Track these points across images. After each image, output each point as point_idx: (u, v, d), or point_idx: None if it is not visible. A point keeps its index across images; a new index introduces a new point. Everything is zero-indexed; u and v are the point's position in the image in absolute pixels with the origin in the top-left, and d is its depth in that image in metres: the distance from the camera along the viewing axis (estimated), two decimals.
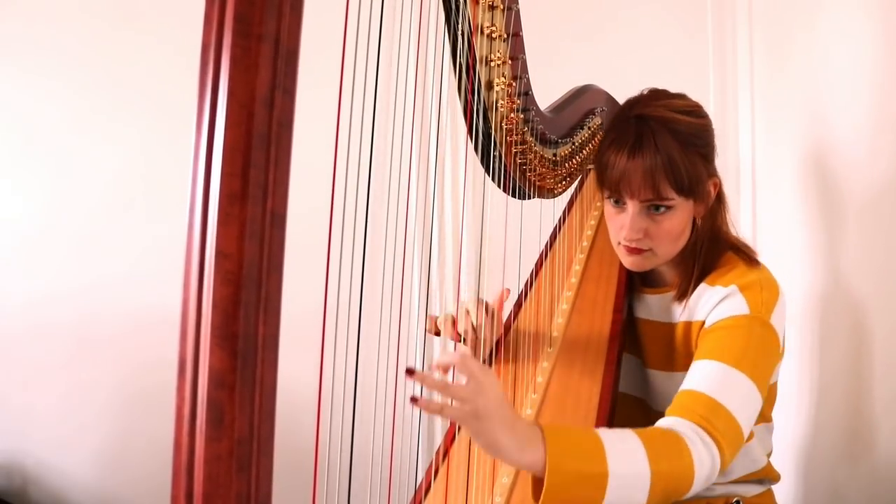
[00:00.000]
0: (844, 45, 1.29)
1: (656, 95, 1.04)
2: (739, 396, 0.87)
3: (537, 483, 0.77)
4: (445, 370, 0.75)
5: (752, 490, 1.10)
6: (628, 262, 1.04)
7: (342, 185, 0.57)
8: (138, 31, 1.91)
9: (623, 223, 1.00)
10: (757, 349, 0.92)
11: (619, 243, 1.02)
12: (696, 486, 0.81)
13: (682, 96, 1.05)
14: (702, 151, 0.99)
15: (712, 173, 1.03)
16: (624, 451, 0.78)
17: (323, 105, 0.84)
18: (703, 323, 0.98)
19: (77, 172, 1.96)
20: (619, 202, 1.01)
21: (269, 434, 0.46)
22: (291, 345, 0.59)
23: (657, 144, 0.95)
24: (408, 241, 0.77)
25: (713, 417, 0.84)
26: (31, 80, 1.94)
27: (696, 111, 1.02)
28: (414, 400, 0.68)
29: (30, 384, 1.97)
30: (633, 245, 1.00)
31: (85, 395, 1.97)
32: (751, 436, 1.02)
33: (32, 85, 1.95)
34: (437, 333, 1.06)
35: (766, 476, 1.12)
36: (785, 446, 1.43)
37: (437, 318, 1.07)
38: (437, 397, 0.73)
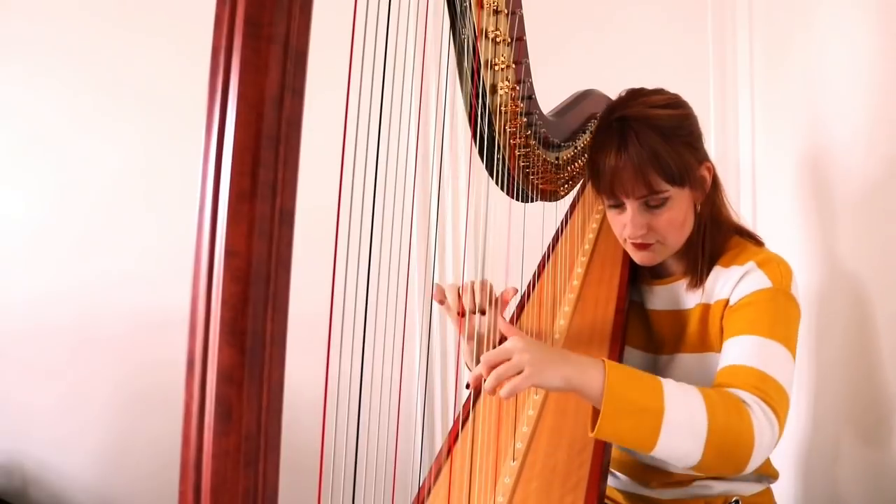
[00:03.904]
0: (842, 44, 1.30)
1: (634, 95, 1.06)
2: (780, 365, 0.89)
3: (595, 415, 0.79)
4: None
5: (751, 489, 1.10)
6: (639, 257, 1.06)
7: (348, 187, 0.57)
8: (139, 31, 1.92)
9: (625, 223, 1.02)
10: (786, 319, 0.94)
11: (626, 240, 1.04)
12: (757, 455, 0.81)
13: (659, 91, 1.06)
14: (686, 140, 1.01)
15: (702, 159, 1.04)
16: (682, 396, 0.79)
17: (330, 107, 0.85)
18: (726, 302, 1.00)
19: (78, 172, 1.96)
20: (618, 205, 1.02)
21: (277, 430, 0.46)
22: (297, 343, 0.59)
23: (640, 141, 0.97)
24: (412, 242, 0.77)
25: (765, 387, 0.85)
26: (32, 79, 1.95)
27: (674, 103, 1.04)
28: (493, 391, 0.77)
29: (30, 384, 1.98)
30: (640, 241, 1.02)
31: (85, 395, 1.97)
32: None
33: (34, 84, 1.95)
34: (442, 302, 1.06)
35: (765, 473, 1.13)
36: (783, 443, 1.43)
37: (444, 287, 1.08)
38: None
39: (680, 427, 0.77)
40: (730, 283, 1.00)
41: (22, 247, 1.98)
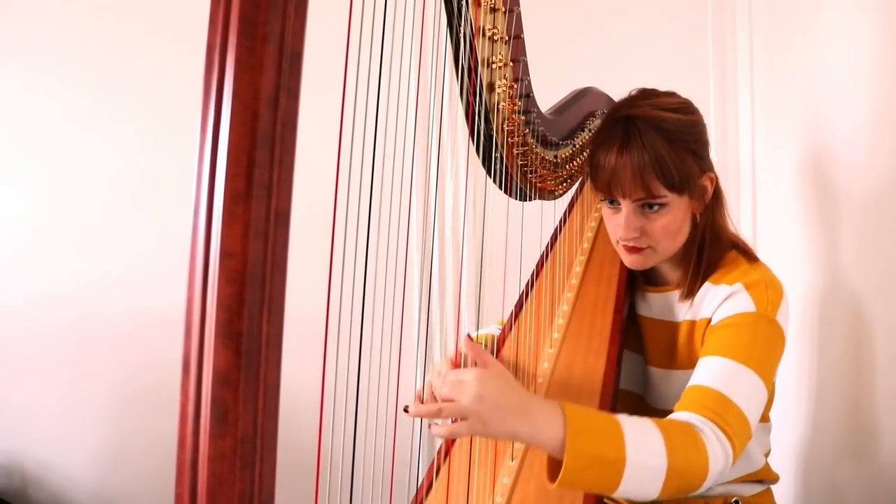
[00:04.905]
0: (844, 44, 1.30)
1: (644, 95, 1.04)
2: (748, 392, 0.87)
3: (553, 464, 0.78)
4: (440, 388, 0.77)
5: (751, 490, 1.10)
6: (629, 260, 1.05)
7: (345, 186, 0.57)
8: (138, 31, 1.92)
9: (619, 223, 1.00)
10: (764, 346, 0.92)
11: (618, 242, 1.03)
12: (708, 482, 0.81)
13: (671, 94, 1.05)
14: (691, 147, 0.99)
15: (706, 168, 1.02)
16: (643, 440, 0.78)
17: (326, 106, 0.85)
18: (709, 321, 0.99)
19: (77, 172, 1.96)
20: (613, 203, 1.01)
21: (273, 432, 0.46)
22: (293, 344, 0.59)
23: (644, 143, 0.96)
24: (410, 241, 0.77)
25: (725, 413, 0.84)
26: (31, 79, 1.95)
27: (685, 108, 1.02)
28: (429, 426, 0.73)
29: (30, 384, 1.98)
30: (631, 244, 1.01)
31: (85, 395, 1.97)
32: None
33: (33, 84, 1.95)
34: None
35: (765, 477, 1.12)
36: (784, 446, 1.43)
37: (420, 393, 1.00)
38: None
39: (641, 471, 0.77)
40: (715, 301, 0.98)
41: (22, 247, 1.97)
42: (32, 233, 1.97)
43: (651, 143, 0.95)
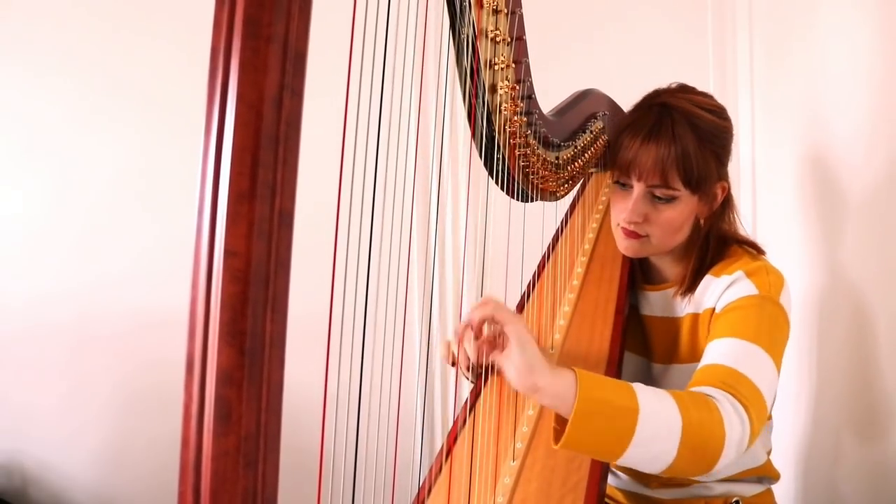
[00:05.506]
0: (843, 44, 1.30)
1: (684, 89, 1.05)
2: (758, 368, 0.86)
3: (560, 424, 0.77)
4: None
5: (751, 489, 1.10)
6: (623, 245, 1.05)
7: (348, 186, 0.57)
8: (140, 31, 1.92)
9: (626, 206, 1.01)
10: (770, 326, 0.92)
11: (619, 225, 1.04)
12: (729, 451, 0.77)
13: (708, 95, 1.06)
14: (717, 152, 1.00)
15: (722, 177, 1.04)
16: (653, 395, 0.77)
17: (330, 107, 0.85)
18: (713, 310, 0.99)
19: (77, 172, 1.96)
20: (626, 185, 1.02)
21: (276, 431, 0.46)
22: (296, 344, 0.59)
23: (675, 133, 0.96)
24: (412, 242, 0.77)
25: (735, 384, 0.83)
26: (31, 79, 1.95)
27: (720, 112, 1.03)
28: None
29: (30, 384, 1.98)
30: (632, 228, 1.02)
31: (85, 395, 1.97)
32: None
33: (33, 85, 1.95)
34: (454, 363, 1.03)
35: (766, 474, 1.12)
36: (784, 444, 1.44)
37: (449, 342, 1.05)
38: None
39: (655, 421, 0.74)
40: (717, 291, 0.99)
41: (22, 247, 1.98)
42: (32, 233, 1.97)
43: (681, 136, 0.96)
